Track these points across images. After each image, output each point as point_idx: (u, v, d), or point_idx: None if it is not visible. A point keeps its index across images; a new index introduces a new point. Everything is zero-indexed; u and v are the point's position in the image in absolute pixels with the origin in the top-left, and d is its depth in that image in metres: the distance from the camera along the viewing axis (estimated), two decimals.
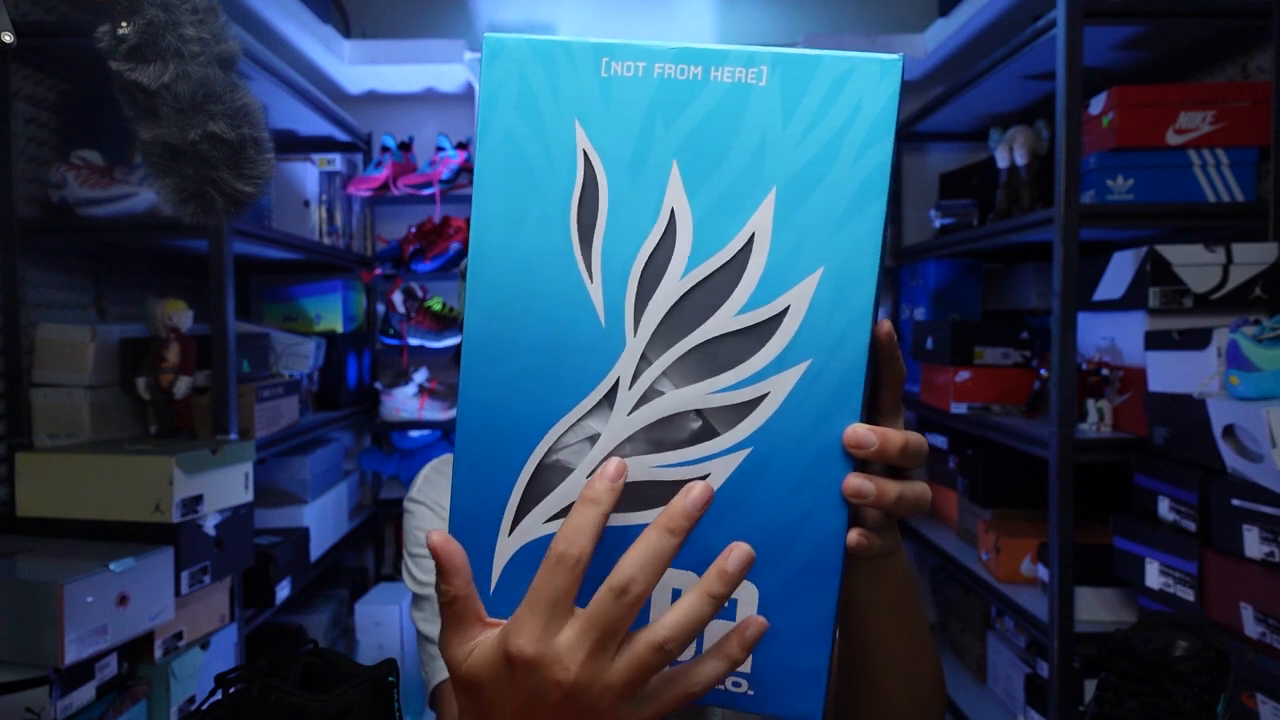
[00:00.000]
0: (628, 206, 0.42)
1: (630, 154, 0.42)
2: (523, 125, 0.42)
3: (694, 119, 0.41)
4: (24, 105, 1.67)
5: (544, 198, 0.42)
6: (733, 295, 0.42)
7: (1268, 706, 1.19)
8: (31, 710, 1.18)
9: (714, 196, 0.41)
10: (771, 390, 0.42)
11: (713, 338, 0.42)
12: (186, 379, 1.66)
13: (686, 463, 0.42)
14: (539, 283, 0.42)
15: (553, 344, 0.43)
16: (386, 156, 2.53)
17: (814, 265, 0.42)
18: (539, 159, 0.42)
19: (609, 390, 0.43)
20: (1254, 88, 1.62)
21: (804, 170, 0.41)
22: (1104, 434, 1.65)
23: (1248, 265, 1.49)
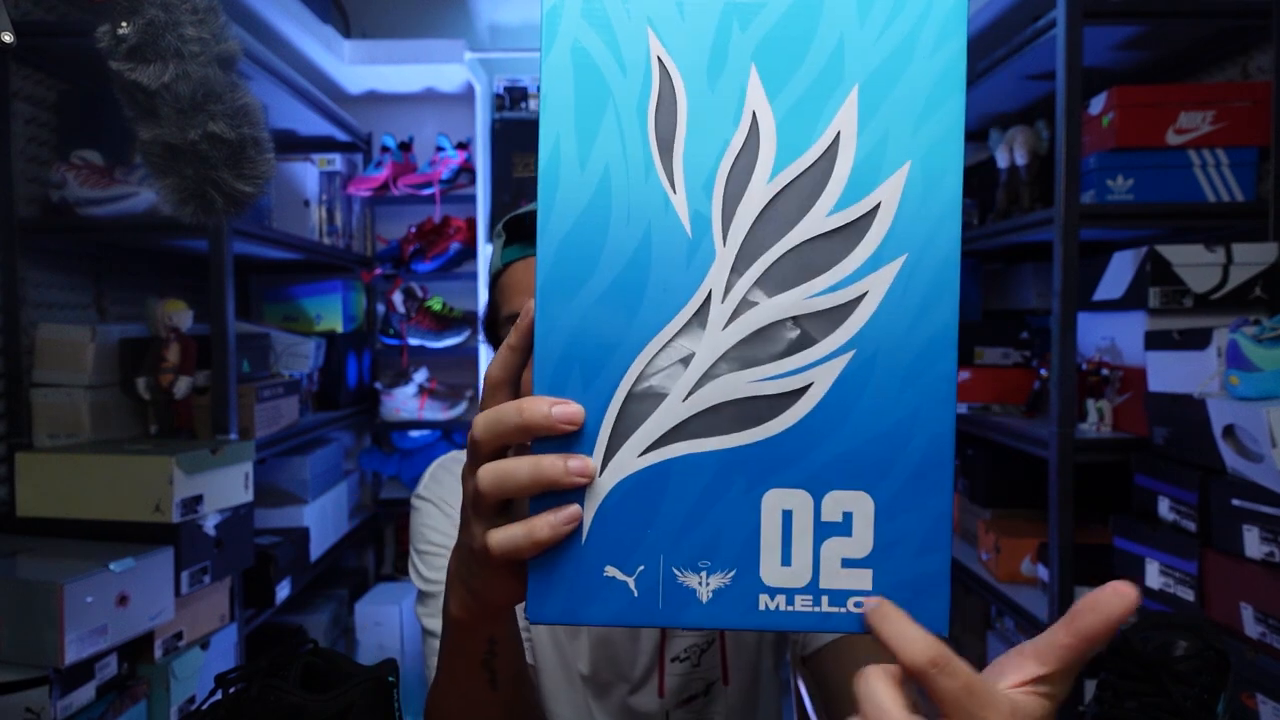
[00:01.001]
0: (707, 113, 0.40)
1: (707, 59, 0.40)
2: (591, 34, 0.40)
3: (770, 20, 0.40)
4: (24, 105, 1.67)
5: (618, 109, 0.40)
6: (822, 196, 0.40)
7: (1268, 706, 1.19)
8: (31, 710, 1.18)
9: (795, 98, 0.40)
10: (870, 289, 0.40)
11: (805, 241, 0.40)
12: (186, 379, 1.66)
13: (787, 374, 0.40)
14: (618, 198, 0.40)
15: (636, 261, 0.40)
16: (386, 156, 2.53)
17: (901, 160, 0.41)
18: (611, 69, 0.40)
19: (700, 305, 0.40)
20: (1254, 88, 1.62)
21: (884, 66, 0.40)
22: (1104, 434, 1.65)
23: (1248, 265, 1.49)
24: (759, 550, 0.41)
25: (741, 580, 0.41)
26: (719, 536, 0.41)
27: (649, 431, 0.41)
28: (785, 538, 0.41)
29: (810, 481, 0.41)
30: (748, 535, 0.41)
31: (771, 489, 0.41)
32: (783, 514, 0.41)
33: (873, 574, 0.41)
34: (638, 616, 0.41)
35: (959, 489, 2.31)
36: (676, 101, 0.40)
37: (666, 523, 0.41)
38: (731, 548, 0.41)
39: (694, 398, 0.40)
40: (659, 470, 0.41)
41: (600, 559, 0.41)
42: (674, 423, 0.40)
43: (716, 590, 0.41)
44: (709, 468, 0.41)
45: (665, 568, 0.41)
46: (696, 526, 0.41)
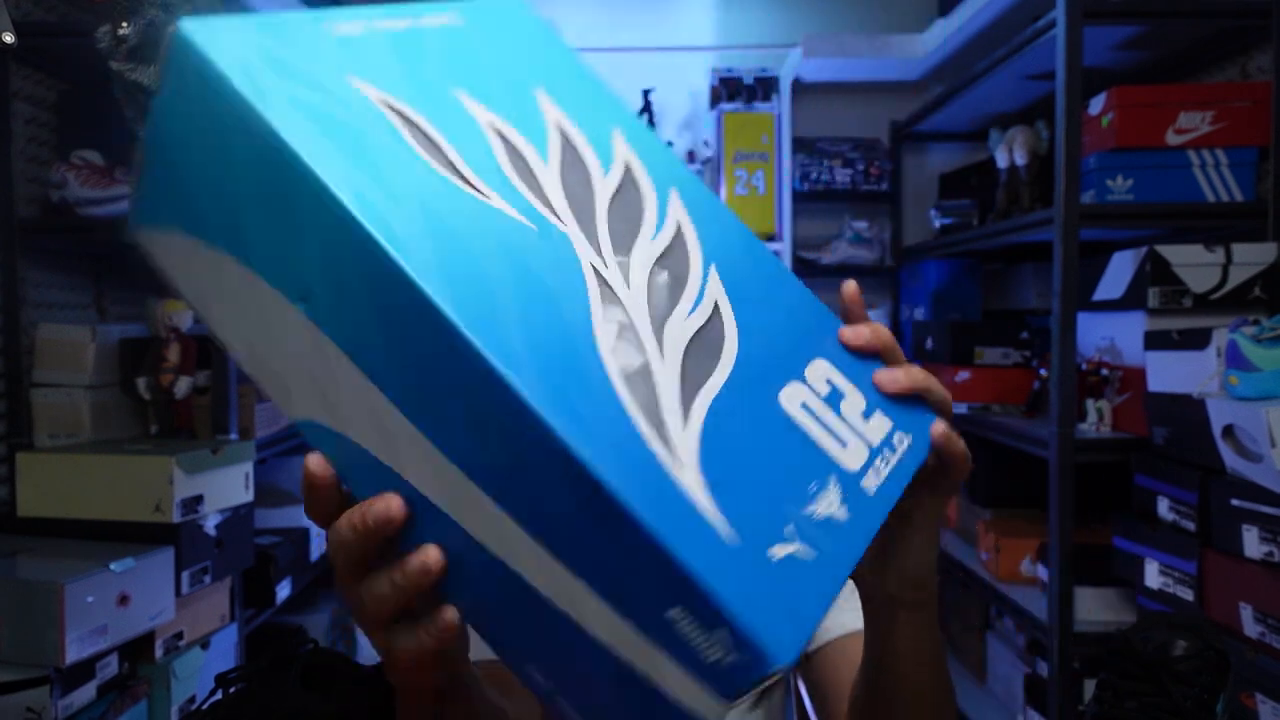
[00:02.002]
0: (455, 129, 0.39)
1: (417, 89, 0.40)
2: (302, 89, 0.36)
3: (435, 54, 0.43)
4: (24, 105, 1.67)
5: (380, 146, 0.36)
6: (588, 165, 0.43)
7: (1267, 706, 1.19)
8: (32, 710, 1.18)
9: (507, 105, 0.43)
10: (675, 216, 0.45)
11: (609, 200, 0.43)
12: (187, 379, 1.66)
13: (695, 302, 0.41)
14: (448, 219, 0.36)
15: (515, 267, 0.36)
16: None
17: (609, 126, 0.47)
18: (344, 113, 0.36)
19: (596, 276, 0.38)
20: (1254, 88, 1.62)
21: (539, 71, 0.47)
22: (1104, 434, 1.65)
23: (1247, 265, 1.49)
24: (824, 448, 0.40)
25: (843, 479, 0.39)
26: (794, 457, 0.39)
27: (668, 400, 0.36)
28: (823, 425, 0.41)
29: (788, 369, 0.42)
30: (805, 441, 0.40)
31: (778, 391, 0.40)
32: (802, 407, 0.41)
33: (883, 413, 0.44)
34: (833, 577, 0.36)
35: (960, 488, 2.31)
36: (424, 127, 0.39)
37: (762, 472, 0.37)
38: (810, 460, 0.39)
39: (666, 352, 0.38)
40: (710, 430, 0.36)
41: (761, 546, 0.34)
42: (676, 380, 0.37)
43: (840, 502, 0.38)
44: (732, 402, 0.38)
45: (799, 513, 0.37)
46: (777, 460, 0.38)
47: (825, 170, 2.61)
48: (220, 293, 0.40)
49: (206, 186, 0.37)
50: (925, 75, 2.57)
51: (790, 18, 2.74)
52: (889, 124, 2.70)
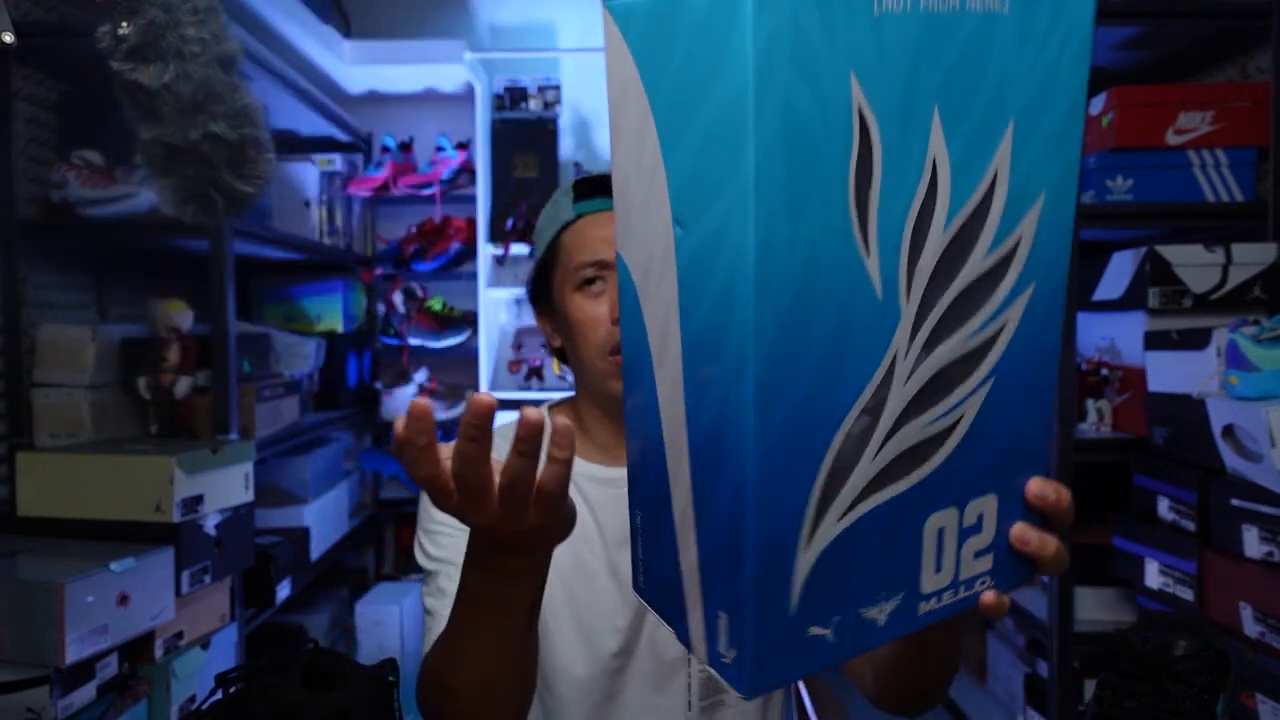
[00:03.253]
0: (898, 164, 0.37)
1: (899, 105, 0.37)
2: (802, 89, 0.34)
3: (952, 56, 0.38)
4: (25, 105, 1.67)
5: (824, 174, 0.36)
6: (980, 236, 0.40)
7: (1267, 706, 1.19)
8: (32, 710, 1.18)
9: (967, 138, 0.39)
10: (1008, 320, 0.42)
11: (968, 285, 0.41)
12: (187, 379, 1.66)
13: (945, 413, 0.42)
14: (823, 273, 0.37)
15: (838, 336, 0.38)
16: (386, 156, 2.53)
17: (1038, 192, 0.41)
18: (817, 128, 0.35)
19: (889, 366, 0.40)
20: (1253, 88, 1.62)
21: (1034, 97, 0.40)
22: (1103, 434, 1.65)
23: (1247, 265, 1.49)
24: (920, 567, 0.44)
25: (908, 597, 0.44)
26: (895, 567, 0.43)
27: (847, 496, 0.41)
28: (939, 549, 0.44)
29: (958, 499, 0.44)
30: (913, 557, 0.44)
31: (933, 513, 0.43)
32: (938, 532, 0.44)
33: (992, 556, 0.46)
34: (834, 657, 0.43)
35: None
36: (873, 157, 0.37)
37: (859, 573, 0.42)
38: (903, 574, 0.44)
39: (882, 454, 0.41)
40: (854, 529, 0.41)
41: (807, 623, 0.42)
42: (866, 481, 0.41)
43: (890, 611, 0.44)
44: (889, 512, 0.42)
45: (854, 610, 0.43)
46: (876, 565, 0.42)
47: None
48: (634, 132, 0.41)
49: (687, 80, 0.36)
50: None
51: None
52: None
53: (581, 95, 2.73)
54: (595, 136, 2.75)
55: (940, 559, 0.44)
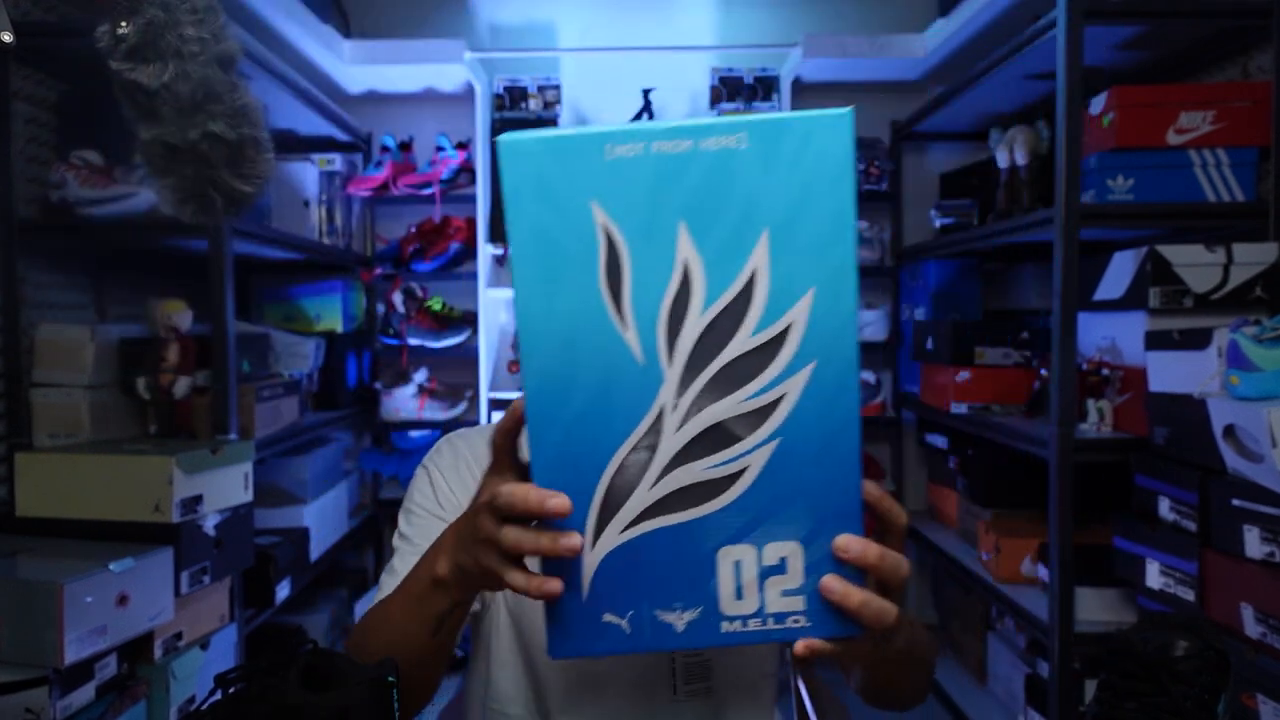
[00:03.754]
0: (648, 264, 0.49)
1: (643, 221, 0.49)
2: (547, 213, 0.49)
3: (691, 184, 0.49)
4: (24, 105, 1.67)
5: (575, 267, 0.49)
6: (745, 320, 0.50)
7: (1268, 707, 1.19)
8: (31, 710, 1.18)
9: (719, 244, 0.49)
10: (788, 391, 0.51)
11: (735, 358, 0.50)
12: (186, 379, 1.66)
13: (728, 461, 0.52)
14: (582, 338, 0.50)
15: (602, 387, 0.51)
16: (386, 156, 2.53)
17: (807, 286, 0.50)
18: (566, 239, 0.49)
19: (657, 415, 0.51)
20: (1254, 88, 1.61)
21: (788, 212, 0.49)
22: (1104, 434, 1.65)
23: (1248, 265, 1.49)
24: (717, 591, 0.53)
25: (706, 613, 0.54)
26: (686, 585, 0.54)
27: (626, 515, 0.52)
28: (737, 579, 0.53)
29: (754, 536, 0.53)
30: (707, 580, 0.53)
31: (725, 545, 0.53)
32: (734, 564, 0.53)
33: (805, 600, 0.54)
34: (631, 646, 0.55)
35: (959, 489, 2.31)
36: (621, 259, 0.49)
37: (646, 580, 0.53)
38: (696, 591, 0.54)
39: (658, 486, 0.52)
40: (637, 542, 0.53)
41: (599, 609, 0.54)
42: (644, 506, 0.52)
43: (689, 622, 0.54)
44: (675, 536, 0.53)
45: (648, 611, 0.54)
46: (669, 580, 0.53)
47: None
48: None
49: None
50: (925, 75, 2.56)
51: (790, 17, 2.74)
52: (889, 124, 2.69)
53: (581, 95, 2.73)
54: None
55: (740, 588, 0.53)
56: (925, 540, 2.39)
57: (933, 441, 2.46)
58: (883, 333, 2.61)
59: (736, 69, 2.60)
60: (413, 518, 0.92)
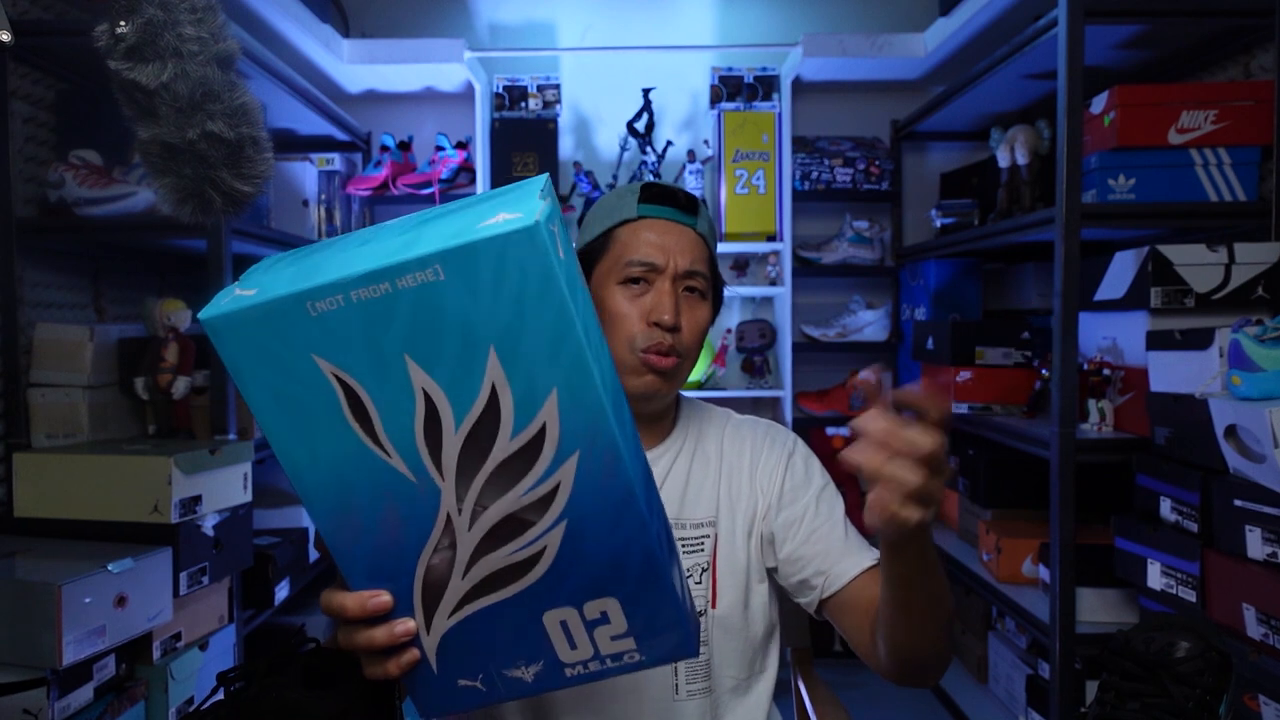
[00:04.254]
0: (388, 398, 0.51)
1: (368, 362, 0.50)
2: (275, 376, 0.51)
3: (403, 321, 0.50)
4: (22, 105, 1.66)
5: (321, 417, 0.51)
6: (500, 429, 0.52)
7: (1270, 708, 1.19)
8: (29, 711, 1.18)
9: (450, 368, 0.51)
10: (561, 479, 0.54)
11: (502, 461, 0.53)
12: (185, 379, 1.65)
13: (525, 545, 0.56)
14: (353, 474, 0.53)
15: (388, 509, 0.54)
16: (386, 156, 2.53)
17: (549, 388, 0.52)
18: (300, 392, 0.51)
19: (446, 521, 0.55)
20: (1256, 87, 1.61)
21: (506, 326, 0.50)
22: (1105, 434, 1.65)
23: (1250, 265, 1.49)
24: (552, 646, 0.60)
25: (549, 664, 0.60)
26: (523, 647, 0.60)
27: (447, 603, 0.58)
28: (567, 634, 0.59)
29: (570, 600, 0.58)
30: (540, 640, 0.59)
31: (546, 610, 0.58)
32: (560, 623, 0.59)
33: (634, 640, 0.60)
34: (490, 699, 0.62)
35: (960, 489, 2.31)
36: (361, 399, 0.51)
37: (485, 649, 0.59)
38: (534, 650, 0.60)
39: (469, 576, 0.57)
40: (466, 622, 0.58)
41: (452, 677, 0.61)
42: (462, 593, 0.58)
43: (535, 673, 0.60)
44: (499, 611, 0.58)
45: (496, 670, 0.60)
46: (506, 645, 0.59)
47: (826, 169, 2.60)
48: None
49: None
50: (926, 75, 2.56)
51: (790, 17, 2.73)
52: (889, 123, 2.69)
53: (581, 94, 2.73)
54: (595, 136, 2.74)
55: (572, 640, 0.59)
56: None
57: None
58: (883, 333, 2.61)
59: (736, 68, 2.60)
60: None
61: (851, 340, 2.61)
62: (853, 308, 2.64)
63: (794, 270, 2.56)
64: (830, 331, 2.61)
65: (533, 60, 2.69)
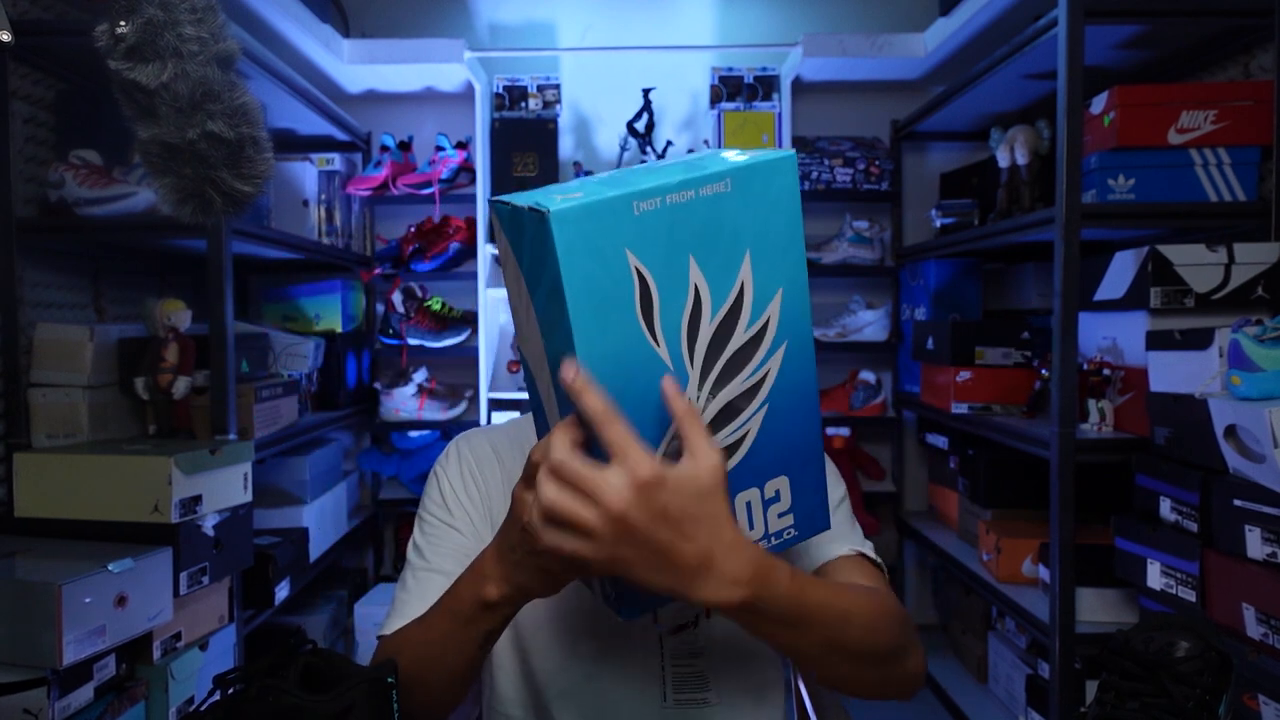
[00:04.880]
0: (670, 292, 0.61)
1: (663, 260, 0.60)
2: (594, 266, 0.58)
3: (696, 224, 0.61)
4: (22, 105, 1.66)
5: (618, 306, 0.59)
6: (739, 322, 0.64)
7: (1270, 708, 1.19)
8: (30, 711, 1.18)
9: (717, 267, 0.62)
10: (770, 368, 0.66)
11: (734, 351, 0.64)
12: (185, 379, 1.65)
13: (736, 429, 0.65)
14: (628, 360, 0.60)
15: (646, 391, 0.61)
16: (386, 156, 2.53)
17: (777, 287, 0.65)
18: (608, 282, 0.59)
19: None
20: (1256, 87, 1.61)
21: (759, 233, 0.63)
22: (1105, 434, 1.65)
23: (1250, 265, 1.49)
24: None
25: None
26: None
27: None
28: (749, 515, 0.68)
29: (756, 480, 0.68)
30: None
31: (739, 492, 0.67)
32: (746, 504, 0.68)
33: (793, 517, 0.70)
34: None
35: (960, 489, 2.31)
36: (651, 291, 0.60)
37: None
38: None
39: None
40: None
41: None
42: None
43: None
44: None
45: None
46: None
47: (826, 169, 2.60)
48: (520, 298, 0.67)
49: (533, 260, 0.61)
50: (926, 75, 2.56)
51: (790, 17, 2.73)
52: (889, 123, 2.69)
53: (581, 94, 2.73)
54: (595, 136, 2.74)
55: (751, 520, 0.68)
56: (926, 540, 2.39)
57: (933, 441, 2.46)
58: (883, 333, 2.61)
59: (736, 68, 2.60)
60: (425, 526, 0.91)
61: (851, 340, 2.61)
62: (853, 308, 2.64)
63: None
64: (830, 331, 2.61)
65: (533, 60, 2.69)
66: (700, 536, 0.59)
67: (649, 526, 0.57)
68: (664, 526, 0.58)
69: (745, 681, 0.90)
